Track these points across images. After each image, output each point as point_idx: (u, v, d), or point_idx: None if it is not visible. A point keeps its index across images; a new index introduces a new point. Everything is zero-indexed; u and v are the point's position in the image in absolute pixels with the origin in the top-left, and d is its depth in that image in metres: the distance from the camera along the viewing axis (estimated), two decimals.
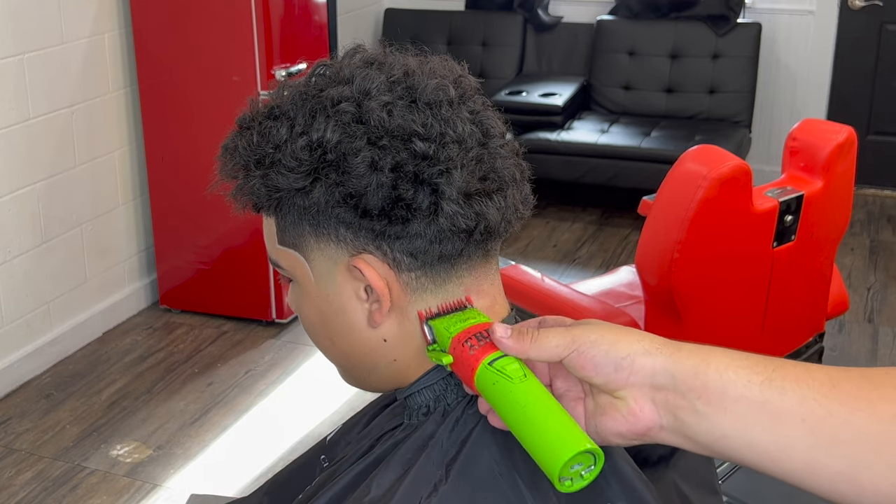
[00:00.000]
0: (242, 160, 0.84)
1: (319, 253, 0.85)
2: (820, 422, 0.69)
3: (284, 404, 3.15)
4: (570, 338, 0.76)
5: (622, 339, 0.75)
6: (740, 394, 0.70)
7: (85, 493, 2.70)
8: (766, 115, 4.92)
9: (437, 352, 0.84)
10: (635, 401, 0.74)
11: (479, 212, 0.82)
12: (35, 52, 3.15)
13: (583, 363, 0.75)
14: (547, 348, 0.77)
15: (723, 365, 0.72)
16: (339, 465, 0.94)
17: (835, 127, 2.42)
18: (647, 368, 0.73)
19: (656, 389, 0.73)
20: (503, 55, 5.11)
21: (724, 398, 0.71)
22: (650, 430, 0.75)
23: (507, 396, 0.77)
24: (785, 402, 0.69)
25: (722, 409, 0.71)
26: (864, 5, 4.73)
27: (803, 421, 0.69)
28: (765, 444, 0.70)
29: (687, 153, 2.22)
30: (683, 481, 0.93)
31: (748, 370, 0.71)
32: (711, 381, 0.71)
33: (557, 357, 0.76)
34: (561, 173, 4.61)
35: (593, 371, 0.75)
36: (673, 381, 0.72)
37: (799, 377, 0.70)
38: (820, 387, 0.69)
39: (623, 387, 0.74)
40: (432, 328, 0.84)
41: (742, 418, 0.70)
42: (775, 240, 2.31)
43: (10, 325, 3.20)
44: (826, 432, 0.68)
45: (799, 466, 0.70)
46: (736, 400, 0.70)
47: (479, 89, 0.89)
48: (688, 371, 0.72)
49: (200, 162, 3.38)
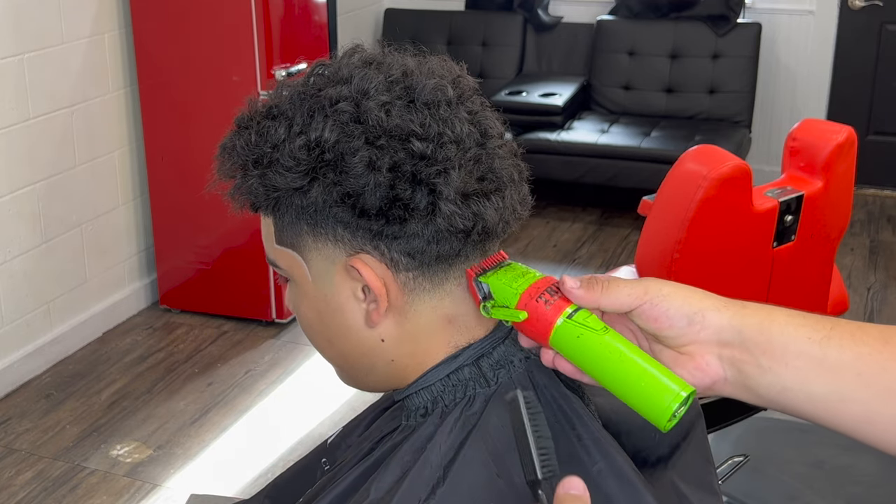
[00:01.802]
0: (240, 159, 0.84)
1: (317, 253, 0.85)
2: (875, 376, 0.74)
3: (284, 404, 3.15)
4: (643, 289, 0.78)
5: (693, 295, 0.78)
6: (801, 349, 0.75)
7: (85, 493, 2.70)
8: (766, 115, 4.92)
9: (498, 308, 0.82)
10: (702, 356, 0.78)
11: (476, 212, 0.82)
12: (35, 52, 3.15)
13: (656, 315, 0.78)
14: (619, 297, 0.78)
15: (785, 323, 0.76)
16: (339, 469, 0.94)
17: (835, 127, 2.42)
18: (716, 324, 0.77)
19: (723, 345, 0.77)
20: (503, 55, 5.11)
21: (787, 353, 0.75)
22: (715, 384, 0.78)
23: (596, 349, 0.78)
24: (843, 358, 0.74)
25: (784, 363, 0.75)
26: (864, 5, 4.73)
27: (859, 375, 0.74)
28: (823, 397, 0.75)
29: (687, 153, 2.22)
30: (682, 481, 0.93)
31: (808, 328, 0.76)
32: (775, 338, 0.76)
33: (628, 307, 0.78)
34: (561, 173, 4.61)
35: (666, 323, 0.77)
36: (739, 336, 0.76)
37: (854, 334, 0.75)
38: (874, 343, 0.75)
39: (692, 342, 0.77)
40: (486, 284, 0.83)
41: (802, 372, 0.75)
42: (775, 240, 2.31)
43: (10, 325, 3.20)
44: (881, 385, 0.74)
45: (855, 417, 0.75)
46: (797, 355, 0.75)
47: (478, 89, 0.89)
48: (753, 328, 0.76)
49: (200, 162, 3.38)
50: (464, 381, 0.86)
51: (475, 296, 0.84)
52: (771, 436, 2.07)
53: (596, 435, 0.85)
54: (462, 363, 0.87)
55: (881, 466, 1.93)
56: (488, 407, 0.84)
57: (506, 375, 0.87)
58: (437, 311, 0.86)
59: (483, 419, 0.83)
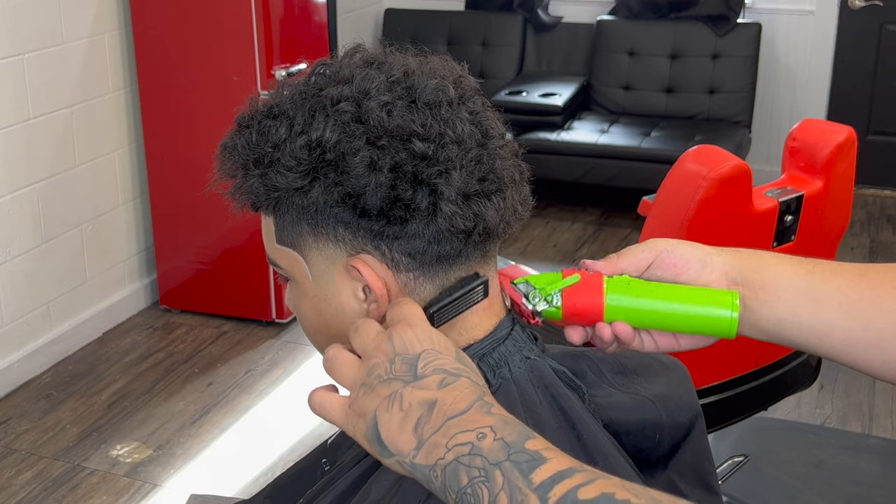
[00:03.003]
0: (241, 159, 0.84)
1: (317, 252, 0.85)
2: (853, 304, 0.84)
3: (284, 404, 3.15)
4: (653, 245, 0.88)
5: (693, 243, 0.88)
6: (790, 284, 0.85)
7: (85, 493, 2.70)
8: (766, 115, 4.92)
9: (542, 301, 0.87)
10: None
11: (477, 213, 0.82)
12: (35, 52, 3.15)
13: (674, 261, 0.87)
14: (636, 257, 0.88)
15: (774, 261, 0.88)
16: (339, 469, 0.94)
17: (835, 127, 2.42)
18: (722, 265, 0.87)
19: (731, 282, 0.87)
20: (503, 55, 5.11)
21: (778, 287, 0.86)
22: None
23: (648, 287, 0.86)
24: (825, 289, 0.85)
25: (776, 296, 0.85)
26: (864, 5, 4.73)
27: (839, 304, 0.84)
28: (811, 325, 0.85)
29: (687, 153, 2.22)
30: (682, 481, 0.93)
31: (794, 265, 0.87)
32: (767, 274, 0.86)
33: (647, 262, 0.88)
34: (561, 173, 4.61)
35: (684, 268, 0.87)
36: (741, 275, 0.87)
37: (835, 270, 0.86)
38: (851, 276, 0.85)
39: (708, 283, 0.87)
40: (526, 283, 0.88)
41: (792, 304, 0.85)
42: (775, 240, 2.31)
43: (10, 325, 3.20)
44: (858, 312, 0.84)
45: (838, 341, 0.85)
46: (787, 289, 0.85)
47: (479, 90, 0.89)
48: (750, 266, 0.87)
49: (200, 162, 3.37)
50: None
51: (516, 296, 0.87)
52: (771, 436, 2.07)
53: (596, 435, 0.85)
54: None
55: (881, 466, 1.93)
56: None
57: (506, 375, 0.87)
58: None
59: None
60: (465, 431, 0.69)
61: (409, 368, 0.74)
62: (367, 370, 0.75)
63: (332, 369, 0.78)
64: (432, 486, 0.71)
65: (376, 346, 0.76)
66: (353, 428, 0.75)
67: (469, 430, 0.69)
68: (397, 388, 0.73)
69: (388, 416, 0.73)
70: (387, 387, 0.74)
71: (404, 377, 0.74)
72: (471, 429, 0.69)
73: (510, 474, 0.66)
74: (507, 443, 0.68)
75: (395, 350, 0.75)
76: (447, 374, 0.74)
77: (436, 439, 0.70)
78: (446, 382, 0.73)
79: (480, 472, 0.67)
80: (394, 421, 0.72)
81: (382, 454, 0.73)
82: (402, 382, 0.73)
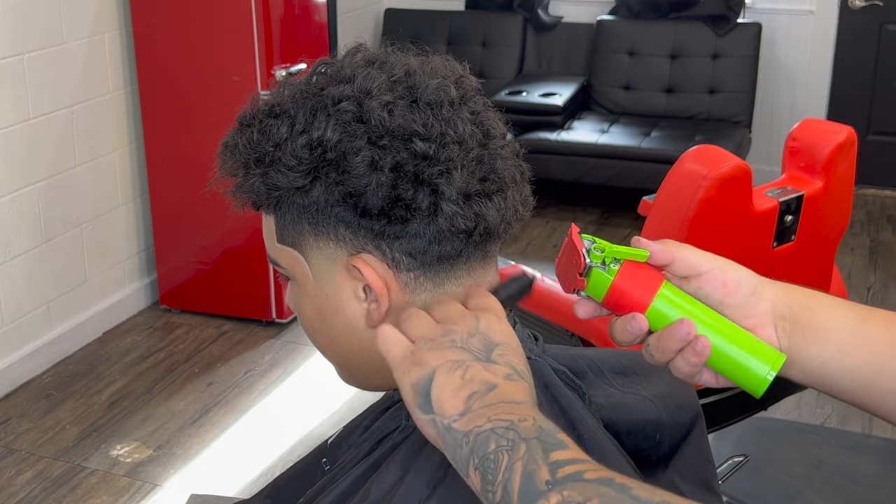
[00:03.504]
0: (242, 158, 0.84)
1: (318, 252, 0.85)
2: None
3: (284, 404, 3.15)
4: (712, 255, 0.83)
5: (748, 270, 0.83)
6: (841, 325, 0.82)
7: (85, 493, 2.70)
8: (766, 115, 4.92)
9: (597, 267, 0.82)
10: (762, 328, 0.82)
11: (478, 213, 0.82)
12: (35, 52, 3.15)
13: (725, 281, 0.82)
14: (692, 257, 0.83)
15: (827, 301, 0.83)
16: (339, 469, 0.94)
17: (835, 127, 2.42)
18: (772, 297, 0.82)
19: (778, 317, 0.82)
20: (503, 55, 5.11)
21: (829, 328, 0.81)
22: None
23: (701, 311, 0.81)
24: (878, 334, 0.81)
25: (825, 337, 0.81)
26: (864, 5, 4.73)
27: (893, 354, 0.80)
28: (859, 368, 0.81)
29: (687, 153, 2.22)
30: (683, 481, 0.93)
31: (846, 307, 0.83)
32: (819, 313, 0.82)
33: (698, 269, 0.82)
34: (561, 173, 4.61)
35: (735, 290, 0.82)
36: (790, 310, 0.82)
37: (889, 318, 0.82)
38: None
39: (752, 314, 0.82)
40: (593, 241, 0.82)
41: (841, 345, 0.81)
42: (775, 240, 2.31)
43: (10, 325, 3.20)
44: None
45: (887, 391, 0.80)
46: (838, 329, 0.81)
47: (481, 90, 0.89)
48: (800, 303, 0.83)
49: (201, 162, 3.37)
50: None
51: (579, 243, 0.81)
52: (771, 436, 2.07)
53: (596, 435, 0.85)
54: None
55: (881, 466, 1.93)
56: None
57: None
58: None
59: None
60: (511, 414, 0.71)
61: (485, 350, 0.77)
62: (443, 332, 0.78)
63: (407, 318, 0.80)
64: (457, 452, 0.72)
65: (461, 318, 0.79)
66: (404, 374, 0.77)
67: (515, 413, 0.71)
68: (466, 359, 0.75)
69: (447, 378, 0.74)
70: (457, 353, 0.76)
71: (477, 353, 0.76)
72: (517, 413, 0.71)
73: (533, 449, 0.69)
74: (542, 428, 0.70)
75: (478, 328, 0.78)
76: (515, 371, 0.76)
77: (482, 411, 0.72)
78: (511, 377, 0.75)
79: (509, 442, 0.69)
80: (450, 384, 0.74)
81: (421, 407, 0.75)
82: (474, 357, 0.76)
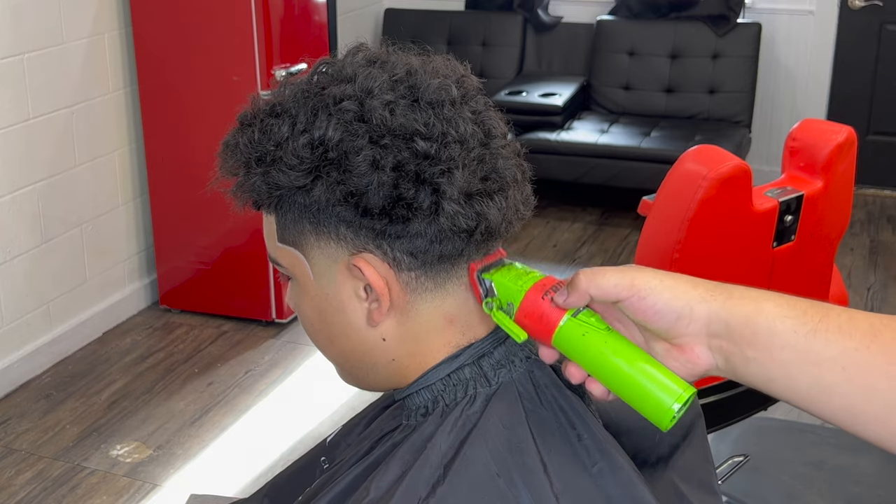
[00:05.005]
0: (243, 157, 0.84)
1: (319, 251, 0.85)
2: (860, 371, 0.72)
3: (284, 404, 3.15)
4: (629, 280, 0.78)
5: (679, 286, 0.78)
6: (786, 342, 0.74)
7: (85, 493, 2.69)
8: (766, 115, 4.92)
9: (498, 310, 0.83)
10: (692, 348, 0.78)
11: (479, 212, 0.82)
12: (35, 52, 3.15)
13: (644, 309, 0.77)
14: (605, 286, 0.78)
15: (772, 315, 0.75)
16: (338, 467, 0.94)
17: (835, 127, 2.42)
18: (704, 316, 0.77)
19: (711, 336, 0.77)
20: (503, 55, 5.11)
21: (772, 347, 0.74)
22: (708, 371, 0.79)
23: (600, 346, 0.79)
24: (828, 352, 0.73)
25: (769, 356, 0.75)
26: (864, 5, 4.73)
27: (843, 370, 0.73)
28: (807, 389, 0.74)
29: (687, 153, 2.22)
30: (682, 481, 0.93)
31: (794, 320, 0.74)
32: (760, 331, 0.75)
33: (615, 297, 0.78)
34: (561, 173, 4.61)
35: (654, 318, 0.77)
36: (726, 329, 0.76)
37: (842, 327, 0.74)
38: (862, 337, 0.73)
39: (682, 335, 0.77)
40: (489, 280, 0.83)
41: (787, 365, 0.74)
42: (775, 240, 2.31)
43: (10, 325, 3.20)
44: (864, 380, 0.72)
45: (838, 409, 0.74)
46: (782, 348, 0.74)
47: (482, 89, 0.89)
48: (739, 319, 0.76)
49: (200, 162, 3.38)
50: (464, 381, 0.86)
51: (477, 291, 0.85)
52: (771, 436, 2.07)
53: (596, 435, 0.85)
54: (463, 363, 0.87)
55: (881, 466, 1.93)
56: (489, 406, 0.84)
57: (507, 375, 0.87)
58: (438, 310, 0.86)
59: (484, 418, 0.83)
60: None
61: None
62: None
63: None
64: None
65: None
66: None
67: None
68: None
69: None
70: None
71: None
72: None
73: None
74: None
75: None
76: None
77: None
78: None
79: None
80: None
81: None
82: None
